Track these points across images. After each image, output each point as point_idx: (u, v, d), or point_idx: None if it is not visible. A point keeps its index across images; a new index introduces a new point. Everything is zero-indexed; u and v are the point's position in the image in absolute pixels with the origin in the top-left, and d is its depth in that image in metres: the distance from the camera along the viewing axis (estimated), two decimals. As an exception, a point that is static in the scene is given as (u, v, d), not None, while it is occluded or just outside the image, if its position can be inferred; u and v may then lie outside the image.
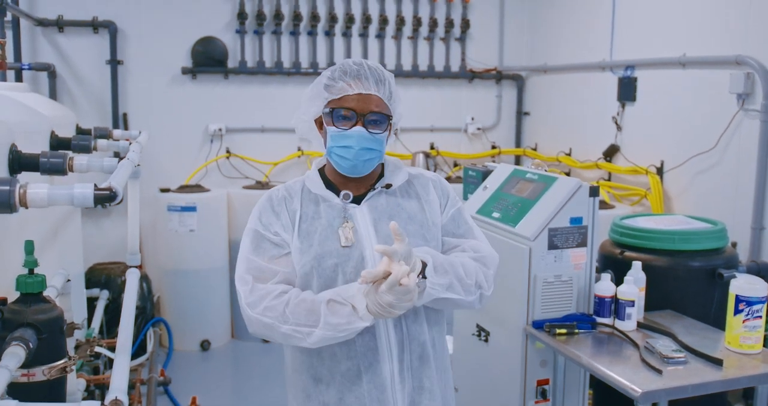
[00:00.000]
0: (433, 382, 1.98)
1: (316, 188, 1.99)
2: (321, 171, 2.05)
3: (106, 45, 5.58)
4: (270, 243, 1.95)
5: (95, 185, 1.66)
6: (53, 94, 5.40)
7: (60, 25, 5.46)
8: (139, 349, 4.86)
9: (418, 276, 1.78)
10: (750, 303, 2.71)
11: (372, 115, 1.88)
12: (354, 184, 1.98)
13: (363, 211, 1.96)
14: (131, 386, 4.18)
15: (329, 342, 1.83)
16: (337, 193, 1.97)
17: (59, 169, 2.05)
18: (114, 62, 5.59)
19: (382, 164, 2.05)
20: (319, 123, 1.99)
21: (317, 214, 1.96)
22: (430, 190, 2.05)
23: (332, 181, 2.01)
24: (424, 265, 1.83)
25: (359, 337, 1.89)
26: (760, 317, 2.73)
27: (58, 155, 2.05)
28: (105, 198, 1.68)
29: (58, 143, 2.70)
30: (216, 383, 4.97)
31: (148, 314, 5.11)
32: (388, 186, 2.00)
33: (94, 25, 5.54)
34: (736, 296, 2.74)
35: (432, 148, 6.44)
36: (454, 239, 2.04)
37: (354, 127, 1.88)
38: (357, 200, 1.97)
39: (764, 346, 2.80)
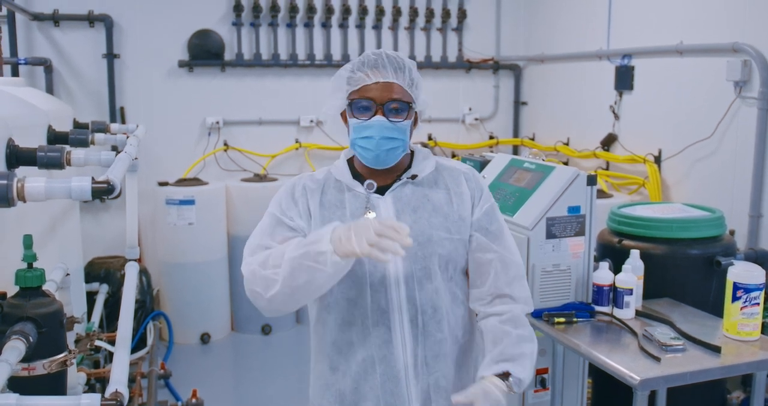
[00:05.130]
0: (448, 380, 1.94)
1: (343, 176, 1.97)
2: (350, 161, 2.02)
3: (102, 39, 5.57)
4: (286, 227, 1.93)
5: (93, 178, 1.66)
6: (50, 89, 5.39)
7: (56, 19, 5.45)
8: (139, 342, 4.87)
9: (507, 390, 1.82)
10: (748, 290, 2.72)
11: (391, 104, 1.85)
12: (381, 175, 1.94)
13: (387, 201, 1.92)
14: (132, 380, 4.19)
15: (301, 278, 1.72)
16: (363, 183, 1.95)
17: (57, 163, 2.04)
18: (110, 56, 5.58)
19: (412, 155, 2.01)
20: (345, 116, 1.97)
21: (341, 203, 1.93)
22: (462, 183, 1.99)
23: (359, 171, 1.98)
24: (507, 374, 1.83)
25: (375, 328, 1.88)
26: (758, 304, 2.74)
27: (55, 149, 2.05)
28: (103, 191, 1.68)
29: (55, 137, 2.70)
30: (216, 376, 4.99)
31: (147, 307, 5.12)
32: (414, 177, 1.96)
33: (90, 19, 5.53)
34: (734, 283, 2.75)
35: (430, 138, 6.44)
36: (484, 240, 1.96)
37: (374, 117, 1.85)
38: (383, 191, 1.94)
39: (762, 333, 2.81)
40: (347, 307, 1.91)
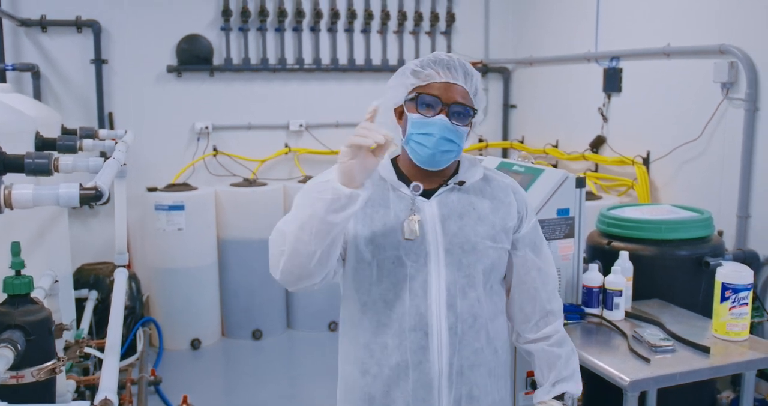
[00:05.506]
0: (482, 390, 1.92)
1: (388, 176, 1.92)
2: (394, 161, 1.96)
3: (90, 44, 5.55)
4: None
5: (81, 185, 1.66)
6: (38, 95, 5.37)
7: (43, 25, 5.43)
8: (129, 349, 4.85)
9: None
10: (736, 290, 2.74)
11: (456, 106, 1.83)
12: (426, 178, 1.90)
13: (432, 206, 1.89)
14: (122, 387, 4.17)
15: (306, 212, 1.67)
16: (408, 185, 1.90)
17: (44, 170, 2.04)
18: (98, 62, 5.56)
19: (458, 162, 1.98)
20: (398, 113, 1.91)
21: (385, 202, 1.89)
22: (509, 194, 1.98)
23: (404, 172, 1.93)
24: (562, 394, 2.00)
25: (412, 332, 1.84)
26: (746, 304, 2.76)
27: (43, 156, 2.04)
28: (91, 197, 1.67)
29: (43, 144, 2.69)
30: (207, 382, 4.97)
31: (137, 313, 5.10)
32: (461, 183, 1.93)
33: (78, 25, 5.51)
34: (723, 283, 2.76)
35: (419, 142, 6.43)
36: (532, 256, 2.00)
37: (437, 115, 1.82)
38: (427, 195, 1.90)
39: (751, 332, 2.83)
40: (384, 309, 1.87)
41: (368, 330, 1.90)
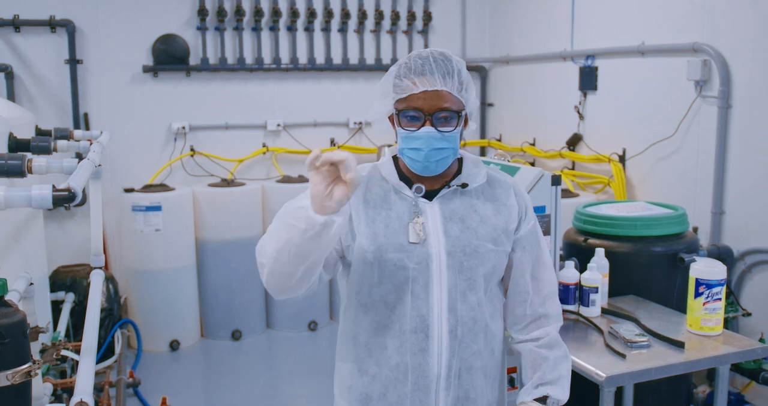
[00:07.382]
0: (478, 392, 1.92)
1: (390, 177, 1.90)
2: (395, 159, 1.94)
3: (65, 44, 5.50)
4: None
5: (53, 186, 1.65)
6: (11, 96, 5.31)
7: (16, 24, 5.37)
8: (107, 351, 4.82)
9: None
10: (710, 286, 2.77)
11: (441, 113, 1.79)
12: (429, 180, 1.88)
13: (434, 208, 1.87)
14: (100, 389, 4.14)
15: (283, 237, 1.63)
16: (410, 186, 1.88)
17: (17, 171, 2.02)
18: (73, 62, 5.51)
19: (461, 160, 1.96)
20: (392, 119, 1.88)
21: (387, 203, 1.87)
22: (511, 196, 1.95)
23: (405, 173, 1.91)
24: (545, 396, 1.94)
25: (413, 334, 1.83)
26: (720, 299, 2.79)
27: (15, 157, 2.03)
28: (64, 199, 1.66)
29: (16, 145, 2.67)
30: (186, 383, 4.94)
31: (115, 315, 5.07)
32: (465, 185, 1.90)
33: (52, 25, 5.45)
34: (696, 279, 2.80)
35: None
36: (527, 258, 1.96)
37: (422, 128, 1.78)
38: (430, 195, 1.88)
39: (725, 328, 2.86)
40: (384, 310, 1.85)
41: (368, 330, 1.89)
